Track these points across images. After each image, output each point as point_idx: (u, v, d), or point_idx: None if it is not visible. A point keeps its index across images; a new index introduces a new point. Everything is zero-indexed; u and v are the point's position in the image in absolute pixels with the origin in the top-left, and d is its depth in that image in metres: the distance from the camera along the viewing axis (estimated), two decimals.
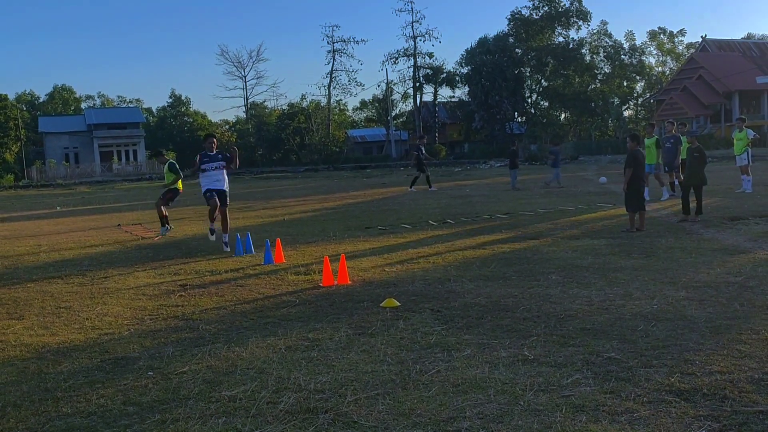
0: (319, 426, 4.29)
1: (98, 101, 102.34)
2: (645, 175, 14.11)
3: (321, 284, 8.77)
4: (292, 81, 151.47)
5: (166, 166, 15.48)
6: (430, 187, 26.75)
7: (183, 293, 8.72)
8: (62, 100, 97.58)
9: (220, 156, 12.58)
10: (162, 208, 15.07)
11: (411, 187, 27.12)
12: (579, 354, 5.45)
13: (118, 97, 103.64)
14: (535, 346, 5.70)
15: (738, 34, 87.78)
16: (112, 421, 4.55)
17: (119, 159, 74.91)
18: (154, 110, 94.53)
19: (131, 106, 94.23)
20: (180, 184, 15.51)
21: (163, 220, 15.03)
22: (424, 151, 27.63)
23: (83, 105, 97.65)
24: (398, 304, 7.42)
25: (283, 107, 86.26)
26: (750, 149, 19.30)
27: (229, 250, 12.11)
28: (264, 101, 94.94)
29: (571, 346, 5.68)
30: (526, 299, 7.42)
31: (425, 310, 7.18)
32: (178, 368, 5.58)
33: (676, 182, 17.92)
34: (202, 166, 12.51)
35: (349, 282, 8.81)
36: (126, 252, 13.05)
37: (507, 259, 10.10)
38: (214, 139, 12.89)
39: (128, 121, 79.16)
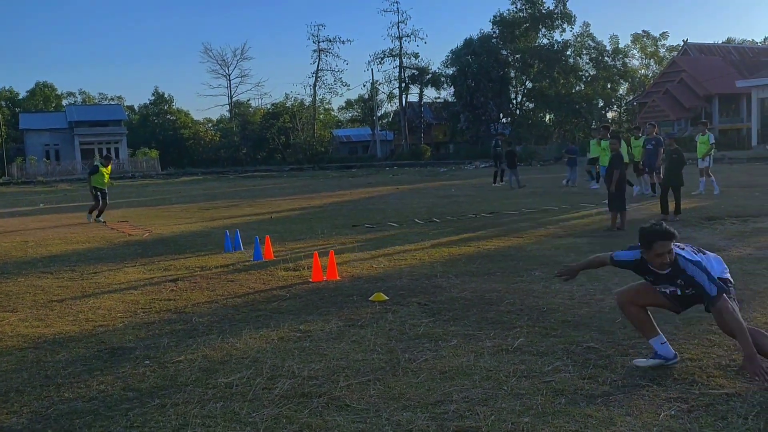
0: (313, 409, 4.51)
1: (79, 98, 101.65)
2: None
3: (310, 279, 8.99)
4: (277, 80, 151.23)
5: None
6: (496, 182, 27.31)
7: (174, 288, 8.90)
8: (43, 97, 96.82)
9: None
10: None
11: (496, 183, 27.55)
12: (560, 344, 5.71)
13: (100, 94, 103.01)
14: (519, 337, 5.96)
15: (719, 38, 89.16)
16: (113, 405, 4.75)
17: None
18: (136, 108, 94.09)
19: (113, 103, 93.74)
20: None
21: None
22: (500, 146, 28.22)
23: (64, 102, 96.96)
24: (386, 298, 7.66)
25: (268, 106, 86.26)
26: (712, 153, 19.79)
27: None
28: (248, 100, 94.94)
29: (552, 336, 5.94)
30: (510, 294, 7.68)
31: (413, 303, 7.42)
32: (174, 357, 5.79)
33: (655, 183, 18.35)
34: None
35: (338, 277, 9.03)
36: (114, 248, 13.18)
37: (491, 256, 10.36)
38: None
39: (110, 118, 78.65)
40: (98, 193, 18.39)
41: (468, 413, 4.34)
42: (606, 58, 72.40)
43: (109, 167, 19.15)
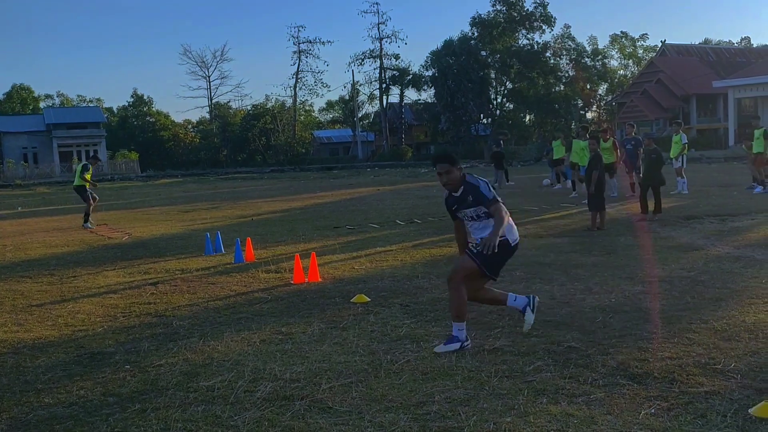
0: (295, 412, 4.50)
1: (57, 101, 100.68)
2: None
3: (292, 281, 8.97)
4: (257, 81, 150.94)
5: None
6: (508, 181, 27.40)
7: (154, 291, 8.85)
8: (20, 99, 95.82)
9: None
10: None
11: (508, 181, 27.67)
12: (541, 344, 5.74)
13: (78, 96, 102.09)
14: (500, 337, 5.99)
15: (696, 39, 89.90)
16: (93, 410, 4.71)
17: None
18: (115, 110, 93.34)
19: (91, 105, 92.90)
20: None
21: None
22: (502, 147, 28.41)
23: (42, 104, 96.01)
24: (368, 299, 7.66)
25: (248, 108, 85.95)
26: (685, 154, 19.98)
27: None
28: (228, 101, 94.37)
29: (534, 336, 5.97)
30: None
31: (394, 304, 7.43)
32: (155, 361, 5.75)
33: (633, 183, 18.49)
34: None
35: (320, 279, 9.02)
36: (93, 252, 13.08)
37: None
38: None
39: (88, 120, 77.97)
40: (88, 192, 18.09)
41: (450, 414, 4.35)
42: (586, 59, 72.87)
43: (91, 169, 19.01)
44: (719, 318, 6.24)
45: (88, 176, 18.24)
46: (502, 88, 73.60)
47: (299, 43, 79.34)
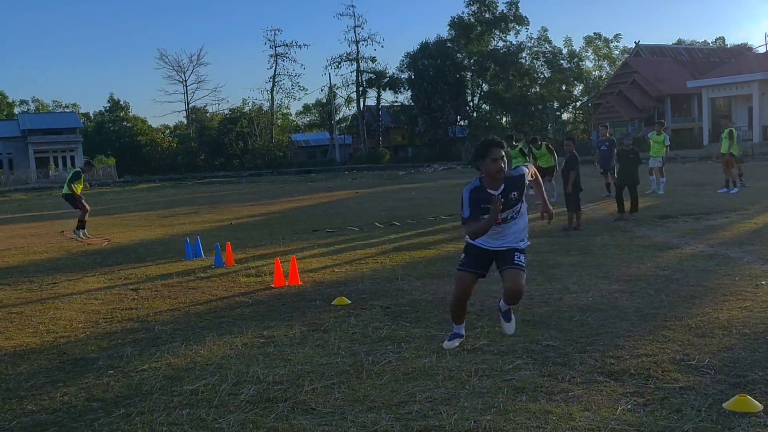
0: (279, 414, 4.56)
1: (32, 106, 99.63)
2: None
3: (273, 285, 9.00)
4: (234, 85, 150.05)
5: None
6: None
7: (135, 297, 8.84)
8: None
9: None
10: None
11: None
12: (520, 343, 5.84)
13: (54, 102, 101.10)
14: (479, 337, 6.08)
15: (669, 40, 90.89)
16: (77, 416, 4.73)
17: (56, 165, 73.20)
18: (91, 115, 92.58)
19: (67, 111, 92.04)
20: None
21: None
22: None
23: (16, 110, 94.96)
24: (349, 302, 7.72)
25: (225, 112, 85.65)
26: (665, 153, 20.23)
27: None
28: (205, 106, 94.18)
29: (512, 336, 6.06)
30: (471, 295, 7.78)
31: (375, 306, 7.50)
32: (138, 366, 5.78)
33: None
34: None
35: (300, 282, 9.07)
36: (72, 258, 13.01)
37: (451, 258, 10.47)
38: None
39: (65, 126, 77.24)
40: (79, 200, 16.10)
41: (431, 413, 4.43)
42: (561, 60, 73.49)
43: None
44: (694, 315, 6.39)
45: (77, 187, 16.05)
46: (479, 90, 74.05)
47: (276, 47, 79.26)
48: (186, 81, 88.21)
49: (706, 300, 6.99)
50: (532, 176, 5.53)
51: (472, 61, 71.12)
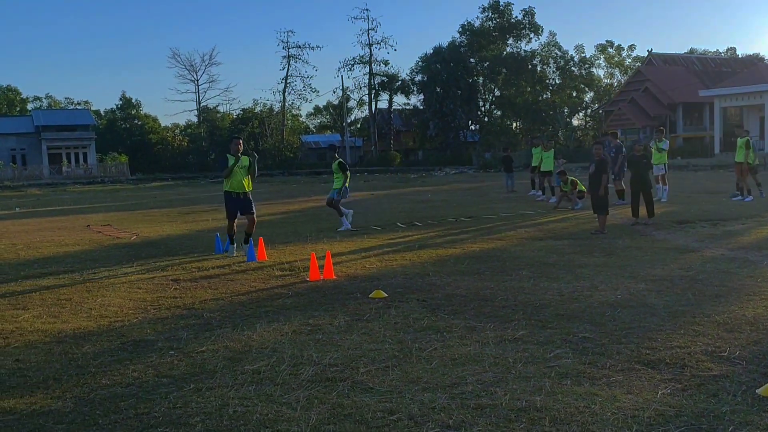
0: (340, 391, 4.90)
1: (45, 103, 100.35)
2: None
3: (308, 279, 9.35)
4: (246, 85, 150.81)
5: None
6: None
7: (177, 287, 9.20)
8: (7, 101, 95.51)
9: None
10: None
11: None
12: (557, 334, 6.17)
13: (66, 99, 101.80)
14: (518, 329, 6.41)
15: (681, 49, 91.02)
16: (150, 389, 5.08)
17: (69, 161, 73.81)
18: (102, 112, 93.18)
19: (80, 108, 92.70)
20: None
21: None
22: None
23: (30, 106, 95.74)
24: (386, 295, 8.06)
25: (236, 112, 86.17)
26: (666, 161, 20.44)
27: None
28: (216, 105, 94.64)
29: (549, 328, 6.40)
30: (502, 291, 8.13)
31: (412, 300, 7.84)
32: (197, 348, 6.13)
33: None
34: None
35: (335, 276, 9.41)
36: (105, 250, 13.39)
37: (478, 257, 10.82)
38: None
39: (78, 123, 77.94)
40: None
41: (484, 393, 4.76)
42: (573, 67, 73.76)
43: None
44: (720, 312, 6.71)
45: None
46: (490, 95, 74.35)
47: (288, 48, 79.82)
48: (198, 80, 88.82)
49: (731, 299, 7.31)
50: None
51: (484, 66, 71.45)
